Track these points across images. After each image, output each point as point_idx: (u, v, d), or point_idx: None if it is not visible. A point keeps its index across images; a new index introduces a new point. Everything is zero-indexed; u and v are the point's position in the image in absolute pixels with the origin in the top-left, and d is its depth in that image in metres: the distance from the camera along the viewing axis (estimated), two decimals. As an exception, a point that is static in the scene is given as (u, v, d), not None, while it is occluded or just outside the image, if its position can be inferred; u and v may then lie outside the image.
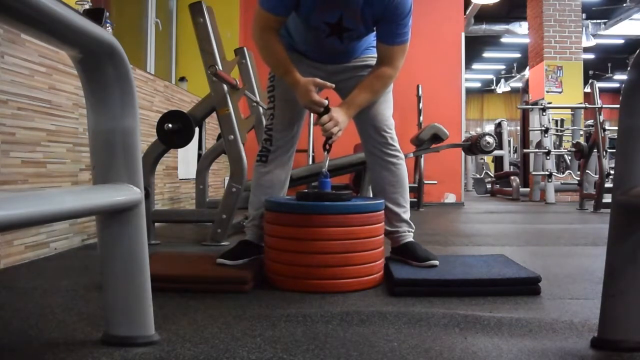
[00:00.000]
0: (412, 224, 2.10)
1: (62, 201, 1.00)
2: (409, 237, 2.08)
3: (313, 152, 5.41)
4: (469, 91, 19.80)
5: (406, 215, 2.08)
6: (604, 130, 5.56)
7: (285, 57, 1.92)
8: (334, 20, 1.85)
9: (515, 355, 1.18)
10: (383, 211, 1.94)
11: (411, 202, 2.16)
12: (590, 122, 7.07)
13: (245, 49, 3.75)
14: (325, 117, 1.85)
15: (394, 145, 2.05)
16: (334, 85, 1.95)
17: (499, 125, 9.45)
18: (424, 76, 5.92)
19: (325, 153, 1.94)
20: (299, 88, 1.89)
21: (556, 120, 8.21)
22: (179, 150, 4.10)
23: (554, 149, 7.18)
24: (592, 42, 11.06)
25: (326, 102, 1.89)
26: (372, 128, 2.03)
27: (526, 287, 1.76)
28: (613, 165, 2.11)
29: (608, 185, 5.07)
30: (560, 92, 8.11)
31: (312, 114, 4.94)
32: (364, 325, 1.40)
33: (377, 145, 2.04)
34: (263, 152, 2.07)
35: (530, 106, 7.73)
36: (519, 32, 11.40)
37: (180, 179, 4.29)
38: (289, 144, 2.08)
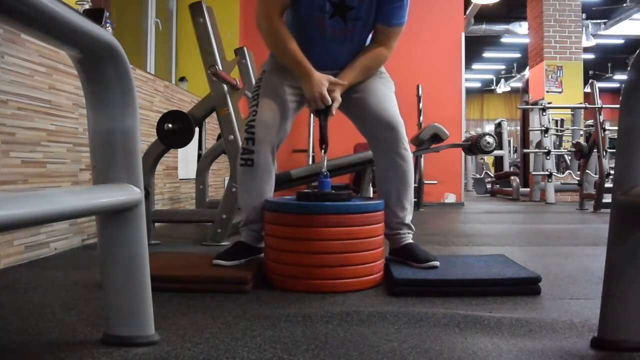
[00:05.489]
0: (412, 226, 2.08)
1: (62, 201, 1.00)
2: (409, 239, 2.06)
3: (313, 152, 5.42)
4: (469, 91, 19.80)
5: (408, 218, 2.06)
6: (604, 130, 5.56)
7: (295, 46, 1.90)
8: None
9: (515, 355, 1.18)
10: (383, 211, 1.93)
11: (411, 202, 2.16)
12: (590, 122, 7.07)
13: (245, 49, 3.75)
14: (334, 106, 1.92)
15: (403, 143, 2.01)
16: (346, 83, 1.94)
17: (499, 125, 9.46)
18: (424, 76, 5.92)
19: (322, 152, 1.94)
20: (312, 79, 1.89)
21: (556, 120, 8.20)
22: (179, 150, 4.09)
23: (554, 149, 7.18)
24: (592, 42, 11.06)
25: (330, 102, 1.89)
26: (385, 125, 1.98)
27: (526, 287, 1.76)
28: (613, 165, 2.11)
29: (608, 185, 5.07)
30: (560, 92, 8.11)
31: (311, 115, 4.97)
32: (364, 325, 1.40)
33: (388, 143, 1.99)
34: (246, 154, 1.98)
35: (530, 106, 7.73)
36: (519, 32, 11.40)
37: (180, 179, 4.29)
38: (272, 140, 1.98)
